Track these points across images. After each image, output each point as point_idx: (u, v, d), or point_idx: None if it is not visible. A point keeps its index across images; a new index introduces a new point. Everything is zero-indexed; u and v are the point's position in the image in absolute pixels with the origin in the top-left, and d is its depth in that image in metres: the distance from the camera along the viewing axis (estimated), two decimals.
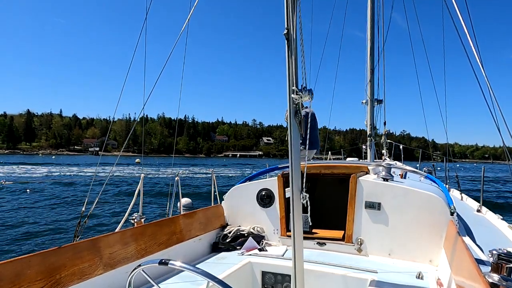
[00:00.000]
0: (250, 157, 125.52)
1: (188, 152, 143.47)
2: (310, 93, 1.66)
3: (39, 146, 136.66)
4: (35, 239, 8.79)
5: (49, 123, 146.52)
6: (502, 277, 1.46)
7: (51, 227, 10.12)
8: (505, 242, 3.11)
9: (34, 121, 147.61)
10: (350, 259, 2.79)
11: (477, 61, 2.23)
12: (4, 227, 10.02)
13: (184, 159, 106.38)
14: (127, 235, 2.39)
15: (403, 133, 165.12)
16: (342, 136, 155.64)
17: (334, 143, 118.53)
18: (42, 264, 1.82)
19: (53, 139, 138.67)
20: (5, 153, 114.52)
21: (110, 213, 12.12)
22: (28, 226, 10.21)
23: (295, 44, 1.65)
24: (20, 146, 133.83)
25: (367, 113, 7.21)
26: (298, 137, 1.74)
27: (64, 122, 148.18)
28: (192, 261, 2.88)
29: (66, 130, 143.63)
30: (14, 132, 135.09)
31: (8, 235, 9.08)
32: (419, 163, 7.38)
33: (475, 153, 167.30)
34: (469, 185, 23.16)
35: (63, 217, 11.56)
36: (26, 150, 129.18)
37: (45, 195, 16.44)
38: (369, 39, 7.10)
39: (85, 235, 2.89)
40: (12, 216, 11.67)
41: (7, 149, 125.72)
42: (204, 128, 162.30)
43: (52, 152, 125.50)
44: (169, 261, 1.24)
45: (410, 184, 2.99)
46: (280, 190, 3.24)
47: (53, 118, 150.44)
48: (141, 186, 3.37)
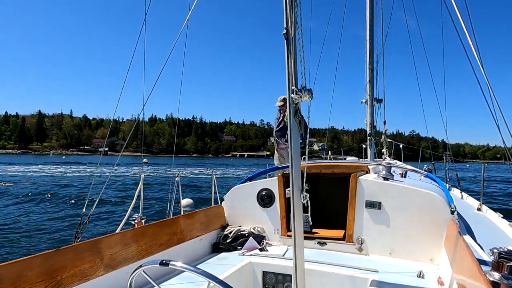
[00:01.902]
0: (257, 157, 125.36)
1: (196, 152, 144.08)
2: (309, 93, 1.66)
3: (50, 146, 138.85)
4: (35, 239, 8.78)
5: (60, 123, 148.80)
6: (503, 275, 1.47)
7: (51, 228, 10.11)
8: (506, 241, 3.08)
9: (45, 122, 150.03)
10: (351, 258, 2.78)
11: (477, 61, 2.22)
12: (4, 227, 10.04)
13: (192, 159, 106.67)
14: (128, 236, 2.40)
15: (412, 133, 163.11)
16: (351, 136, 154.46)
17: (342, 143, 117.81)
18: (43, 265, 1.83)
19: (63, 139, 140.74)
20: (17, 153, 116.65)
21: (111, 214, 12.04)
22: (28, 226, 10.21)
23: (295, 44, 1.64)
24: (31, 146, 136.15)
25: (367, 112, 7.24)
26: (298, 137, 1.74)
27: (74, 123, 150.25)
28: (192, 261, 2.89)
29: (76, 130, 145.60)
30: (26, 132, 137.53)
31: (8, 235, 9.08)
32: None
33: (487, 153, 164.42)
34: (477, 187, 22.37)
35: (63, 217, 11.53)
36: (37, 150, 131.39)
37: (45, 195, 16.30)
38: (369, 38, 7.11)
39: (86, 236, 2.91)
40: (11, 216, 11.66)
41: (19, 149, 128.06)
42: (212, 128, 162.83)
43: (62, 152, 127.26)
44: (169, 261, 1.24)
45: (410, 183, 2.99)
46: (281, 190, 3.24)
47: (63, 119, 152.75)
48: (141, 186, 3.39)
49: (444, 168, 6.40)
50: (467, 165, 65.77)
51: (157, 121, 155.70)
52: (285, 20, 1.64)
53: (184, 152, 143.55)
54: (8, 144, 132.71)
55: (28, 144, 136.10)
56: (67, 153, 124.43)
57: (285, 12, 1.64)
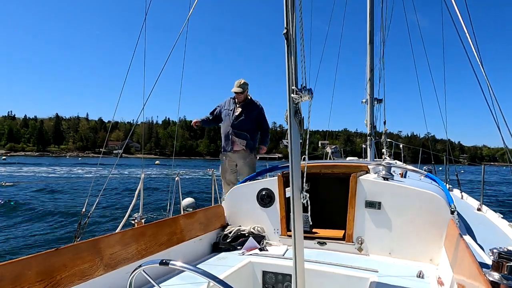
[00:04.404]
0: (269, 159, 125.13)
1: (209, 155, 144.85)
2: (310, 93, 1.66)
3: (67, 148, 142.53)
4: (35, 240, 8.82)
5: (76, 126, 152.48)
6: (502, 275, 1.46)
7: (51, 228, 10.16)
8: (506, 241, 3.02)
9: (62, 125, 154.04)
10: (351, 258, 2.77)
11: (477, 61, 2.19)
12: (4, 227, 10.12)
13: (204, 161, 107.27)
14: (128, 235, 2.40)
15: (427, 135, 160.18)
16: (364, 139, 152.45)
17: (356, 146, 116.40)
18: (42, 265, 1.82)
19: (80, 141, 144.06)
20: (35, 155, 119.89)
21: (111, 213, 12.02)
22: (28, 226, 10.26)
23: (295, 44, 1.64)
24: (49, 148, 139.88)
25: (367, 112, 7.18)
26: (298, 137, 1.74)
27: (90, 126, 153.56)
28: (192, 261, 2.89)
29: (92, 133, 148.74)
30: (44, 135, 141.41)
31: (7, 235, 9.12)
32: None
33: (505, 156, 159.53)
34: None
35: (63, 218, 11.58)
36: (54, 152, 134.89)
37: (44, 196, 16.37)
38: (369, 38, 7.04)
39: (86, 235, 2.94)
40: (11, 215, 11.76)
41: (37, 152, 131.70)
42: None
43: (79, 154, 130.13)
44: (169, 261, 1.24)
45: (410, 183, 2.96)
46: (280, 190, 3.24)
47: (80, 122, 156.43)
48: (141, 186, 3.42)
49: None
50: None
51: (170, 124, 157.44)
52: (285, 20, 1.64)
53: (197, 155, 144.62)
54: (27, 147, 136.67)
55: (46, 147, 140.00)
56: (83, 155, 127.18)
57: (285, 12, 1.64)
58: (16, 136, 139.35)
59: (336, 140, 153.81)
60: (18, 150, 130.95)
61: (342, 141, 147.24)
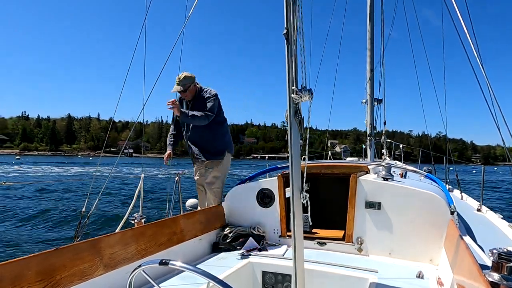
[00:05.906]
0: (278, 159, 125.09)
1: None
2: (310, 93, 1.66)
3: (78, 148, 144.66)
4: (35, 240, 8.74)
5: (87, 126, 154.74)
6: (502, 276, 1.46)
7: (51, 228, 10.12)
8: (506, 241, 2.97)
9: (74, 125, 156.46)
10: (351, 258, 2.77)
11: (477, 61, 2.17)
12: (4, 227, 10.07)
13: None
14: (128, 235, 2.40)
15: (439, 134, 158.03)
16: None
17: None
18: (41, 265, 1.82)
19: (91, 141, 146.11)
20: (48, 155, 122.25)
21: (111, 213, 11.86)
22: (28, 226, 10.21)
23: (295, 44, 1.64)
24: (61, 148, 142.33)
25: (367, 112, 7.15)
26: (298, 137, 1.75)
27: (101, 125, 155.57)
28: (192, 261, 2.90)
29: (103, 133, 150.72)
30: (56, 135, 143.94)
31: (7, 236, 9.07)
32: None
33: None
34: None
35: (64, 218, 11.50)
36: (67, 152, 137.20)
37: (45, 196, 16.29)
38: (369, 38, 6.99)
39: (85, 235, 2.97)
40: (11, 216, 11.64)
41: (50, 151, 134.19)
42: (234, 130, 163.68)
43: (90, 153, 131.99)
44: (169, 261, 1.24)
45: (410, 184, 2.95)
46: (280, 190, 3.24)
47: (91, 122, 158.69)
48: (141, 186, 3.43)
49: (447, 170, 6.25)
50: (495, 168, 62.48)
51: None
52: (285, 20, 1.64)
53: None
54: (40, 146, 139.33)
55: (59, 146, 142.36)
56: (94, 154, 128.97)
57: (285, 12, 1.64)
58: (29, 136, 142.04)
59: (346, 139, 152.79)
60: (32, 149, 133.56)
61: (351, 140, 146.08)
